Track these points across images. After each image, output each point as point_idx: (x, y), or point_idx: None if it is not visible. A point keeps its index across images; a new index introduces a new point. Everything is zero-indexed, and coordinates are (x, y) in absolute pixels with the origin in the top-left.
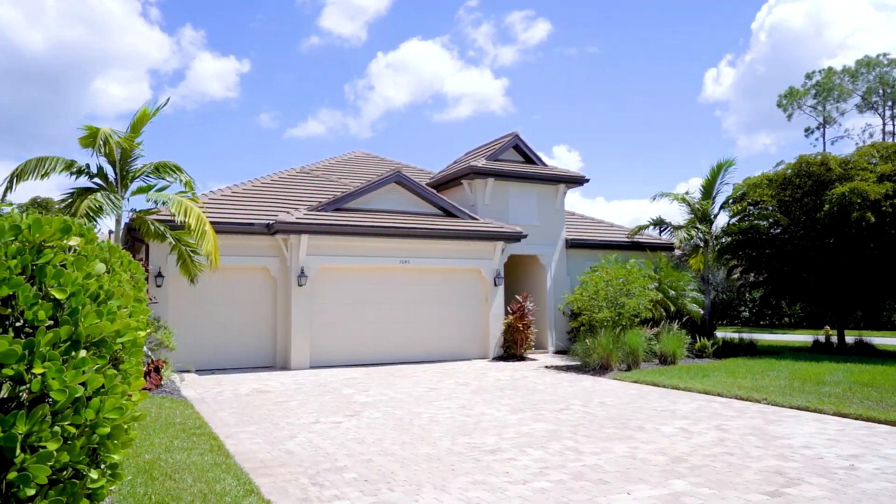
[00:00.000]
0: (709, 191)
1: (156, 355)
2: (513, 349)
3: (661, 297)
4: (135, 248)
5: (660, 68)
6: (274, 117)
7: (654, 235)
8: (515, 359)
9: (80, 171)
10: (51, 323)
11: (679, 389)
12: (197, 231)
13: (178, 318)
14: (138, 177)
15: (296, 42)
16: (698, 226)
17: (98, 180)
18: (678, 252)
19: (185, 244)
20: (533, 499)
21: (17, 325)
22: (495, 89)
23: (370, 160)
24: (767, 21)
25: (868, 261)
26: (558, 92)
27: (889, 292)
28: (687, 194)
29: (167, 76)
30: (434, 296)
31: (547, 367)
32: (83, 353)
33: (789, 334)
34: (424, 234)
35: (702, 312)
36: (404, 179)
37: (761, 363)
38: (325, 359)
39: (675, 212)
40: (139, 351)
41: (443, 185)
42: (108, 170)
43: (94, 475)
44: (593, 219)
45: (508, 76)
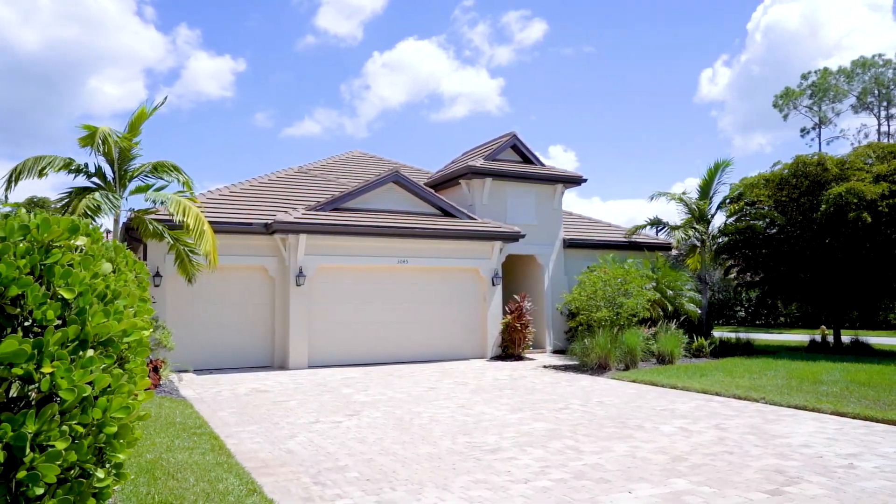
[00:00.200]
0: (706, 191)
1: (154, 355)
2: (511, 349)
3: (659, 296)
4: (132, 247)
5: (656, 68)
6: (270, 117)
7: (651, 235)
8: (513, 358)
9: (77, 170)
10: (59, 322)
11: (677, 389)
12: (195, 231)
13: (175, 318)
14: (136, 176)
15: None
16: (695, 226)
17: (96, 179)
18: (674, 252)
19: (184, 244)
20: (535, 498)
21: (26, 324)
22: (491, 89)
23: (368, 160)
24: (763, 21)
25: (864, 261)
26: (554, 92)
27: (885, 292)
28: (684, 194)
29: (162, 75)
30: (432, 296)
31: (545, 366)
32: (91, 352)
33: (785, 334)
34: (423, 234)
35: (699, 312)
36: (402, 179)
37: (758, 362)
38: (323, 358)
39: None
40: (144, 350)
41: (441, 185)
42: (107, 169)
43: (100, 474)
44: (591, 219)
45: (504, 76)
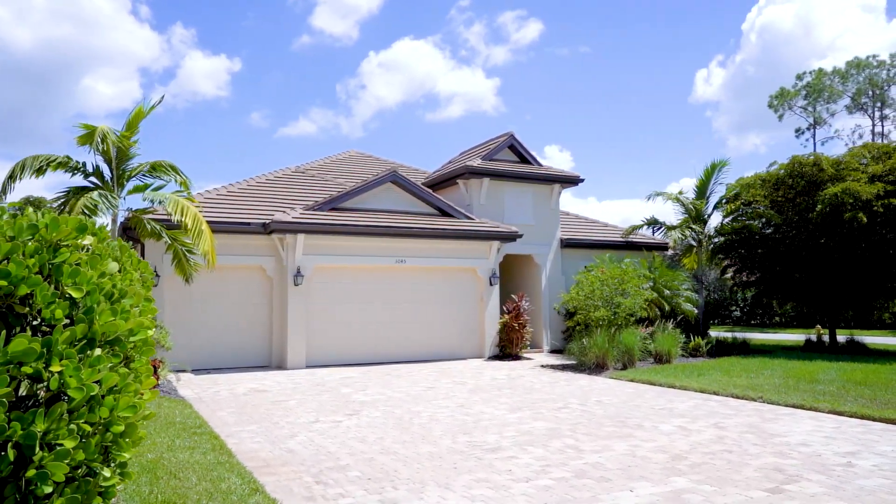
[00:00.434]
0: (703, 191)
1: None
2: (508, 348)
3: (656, 296)
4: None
5: (651, 69)
6: (265, 116)
7: (647, 235)
8: (511, 358)
9: (75, 169)
10: (67, 321)
11: (675, 388)
12: (194, 230)
13: (173, 318)
14: (134, 176)
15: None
16: (692, 226)
17: (94, 179)
18: (670, 252)
19: (181, 243)
20: (537, 496)
21: (34, 323)
22: (487, 89)
23: (365, 160)
24: (758, 22)
25: (859, 260)
26: (550, 92)
27: (880, 291)
28: (681, 194)
29: (157, 74)
30: (430, 295)
31: (543, 366)
32: (98, 351)
33: (781, 333)
34: (420, 234)
35: (696, 312)
36: (400, 179)
37: (755, 362)
38: (321, 358)
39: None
40: (150, 350)
41: (438, 185)
42: (104, 168)
43: (106, 473)
44: (587, 218)
45: (500, 76)
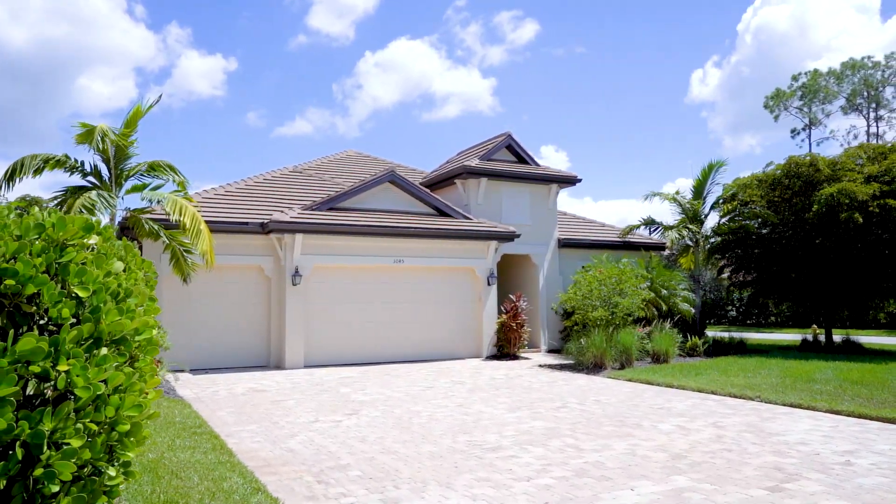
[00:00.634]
0: (700, 191)
1: None
2: (506, 348)
3: (653, 296)
4: None
5: (647, 69)
6: (261, 116)
7: (644, 235)
8: (509, 358)
9: (73, 168)
10: (73, 321)
11: (673, 388)
12: (192, 230)
13: (171, 318)
14: (132, 175)
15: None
16: (689, 226)
17: (92, 178)
18: (667, 252)
19: (179, 243)
20: (539, 495)
21: (41, 322)
22: (483, 89)
23: (363, 160)
24: (753, 23)
25: (855, 261)
26: (546, 92)
27: (875, 291)
28: (678, 194)
29: (153, 74)
30: (428, 295)
31: (541, 365)
32: (104, 350)
33: (776, 333)
34: (418, 234)
35: (693, 311)
36: (398, 179)
37: (752, 361)
38: (320, 358)
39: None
40: (154, 349)
41: (436, 185)
42: (102, 168)
43: (111, 472)
44: (585, 218)
45: (496, 76)
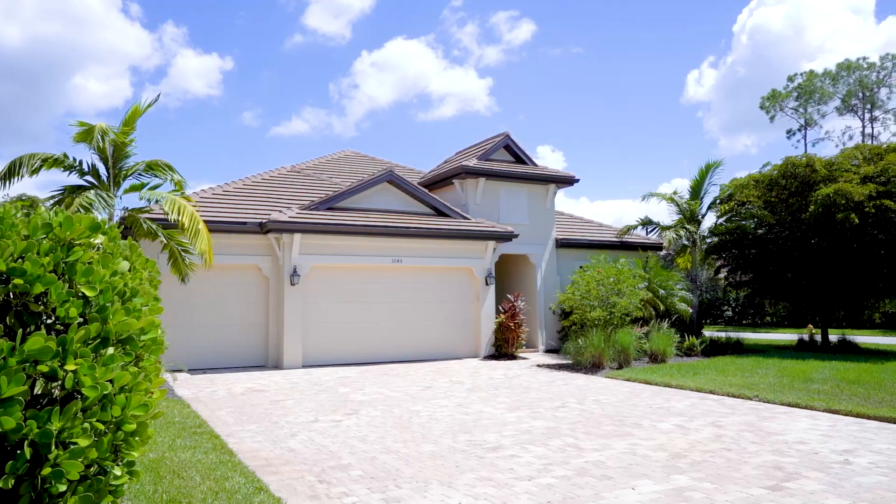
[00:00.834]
0: (697, 191)
1: None
2: (504, 348)
3: (651, 296)
4: None
5: (643, 70)
6: (257, 115)
7: (641, 235)
8: (507, 357)
9: (71, 168)
10: (81, 320)
11: (671, 387)
12: (190, 230)
13: (169, 317)
14: (131, 175)
15: (280, 40)
16: (687, 226)
17: (90, 178)
18: (663, 252)
19: (178, 243)
20: (541, 495)
21: (49, 322)
22: (480, 89)
23: (361, 159)
24: (748, 24)
25: (851, 261)
26: (542, 92)
27: (871, 291)
28: (675, 194)
29: (148, 73)
30: (426, 295)
31: (539, 365)
32: (111, 350)
33: (772, 333)
34: (417, 234)
35: (690, 311)
36: (396, 179)
37: (749, 361)
38: (318, 358)
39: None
40: (159, 349)
41: (434, 185)
42: (100, 167)
43: (117, 472)
44: (582, 218)
45: (493, 76)
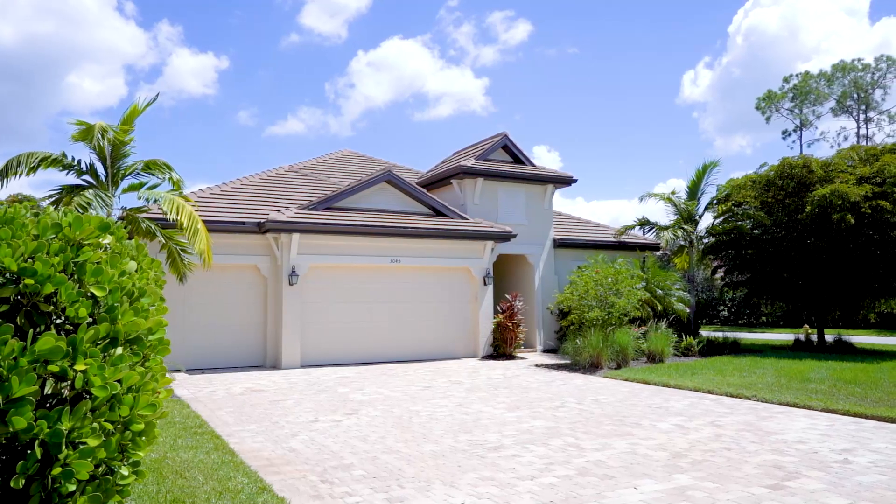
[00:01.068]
0: (694, 192)
1: None
2: (502, 348)
3: (649, 296)
4: None
5: (639, 70)
6: (253, 115)
7: (639, 235)
8: (505, 357)
9: (69, 167)
10: (90, 320)
11: (670, 387)
12: (189, 230)
13: (167, 317)
14: (129, 174)
15: (275, 39)
16: (684, 226)
17: (87, 177)
18: (660, 252)
19: (176, 243)
20: (543, 494)
21: (58, 322)
22: (476, 89)
23: (359, 159)
24: (744, 24)
25: (847, 261)
26: (538, 92)
27: (867, 291)
28: (673, 194)
29: (143, 72)
30: (424, 295)
31: (537, 365)
32: (119, 350)
33: (769, 333)
34: (415, 234)
35: (688, 311)
36: (395, 179)
37: (746, 361)
38: (316, 358)
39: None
40: (165, 349)
41: (432, 185)
42: (98, 167)
43: (125, 471)
44: (580, 219)
45: (489, 76)
